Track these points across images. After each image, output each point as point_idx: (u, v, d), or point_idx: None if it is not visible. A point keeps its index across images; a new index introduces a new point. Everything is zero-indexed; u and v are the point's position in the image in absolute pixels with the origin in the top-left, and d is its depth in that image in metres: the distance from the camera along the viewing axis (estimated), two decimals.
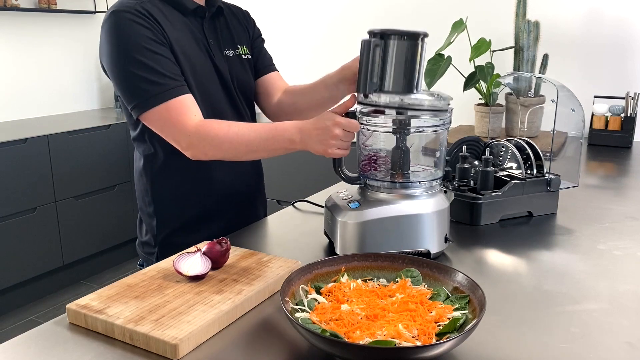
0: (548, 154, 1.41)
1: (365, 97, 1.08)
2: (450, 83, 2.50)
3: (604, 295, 0.95)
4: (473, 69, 2.28)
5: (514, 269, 1.08)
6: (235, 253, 1.07)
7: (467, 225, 1.30)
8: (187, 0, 1.25)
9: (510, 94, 2.30)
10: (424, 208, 1.06)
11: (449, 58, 2.27)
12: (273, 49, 1.59)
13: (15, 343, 0.82)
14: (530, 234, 1.25)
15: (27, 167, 2.78)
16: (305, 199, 1.51)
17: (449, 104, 1.07)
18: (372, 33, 1.06)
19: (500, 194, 1.30)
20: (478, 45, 2.30)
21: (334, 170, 1.13)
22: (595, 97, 2.42)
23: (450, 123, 1.11)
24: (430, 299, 0.84)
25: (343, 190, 1.17)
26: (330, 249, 1.15)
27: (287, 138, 1.12)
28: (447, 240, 1.10)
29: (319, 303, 0.83)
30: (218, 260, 0.99)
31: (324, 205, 1.19)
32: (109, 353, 0.78)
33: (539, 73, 2.37)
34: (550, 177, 1.34)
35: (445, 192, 1.14)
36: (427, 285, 0.88)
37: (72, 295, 3.01)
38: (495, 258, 1.13)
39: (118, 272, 3.31)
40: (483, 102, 2.41)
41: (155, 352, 0.78)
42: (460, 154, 1.37)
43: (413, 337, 0.73)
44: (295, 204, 1.50)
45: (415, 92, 1.06)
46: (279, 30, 3.40)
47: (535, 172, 1.37)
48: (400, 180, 1.10)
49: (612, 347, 0.79)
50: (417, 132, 1.09)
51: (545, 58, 2.37)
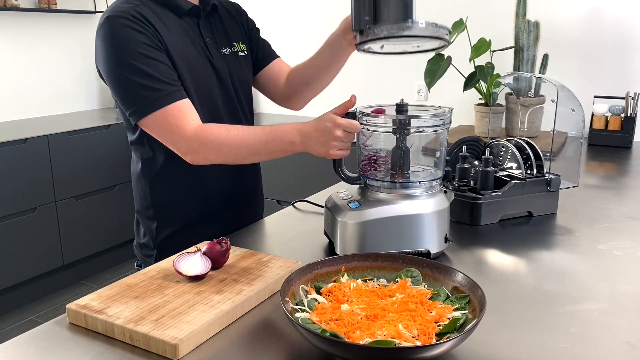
0: (548, 154, 1.41)
1: (362, 33, 1.03)
2: (450, 83, 2.50)
3: (604, 295, 0.95)
4: (473, 69, 2.28)
5: (514, 269, 1.08)
6: (235, 253, 1.07)
7: (467, 225, 1.30)
8: (182, 1, 1.24)
9: (510, 94, 2.30)
10: (424, 208, 1.06)
11: (449, 58, 2.27)
12: (276, 43, 1.58)
13: (15, 343, 0.82)
14: (530, 234, 1.25)
15: (27, 167, 2.78)
16: (305, 199, 1.51)
17: (447, 34, 1.01)
18: None
19: (500, 194, 1.30)
20: (478, 45, 2.30)
21: (334, 171, 1.13)
22: (595, 97, 2.42)
23: (450, 123, 1.11)
24: (430, 299, 0.84)
25: (343, 190, 1.17)
26: (330, 249, 1.15)
27: (287, 140, 1.12)
28: (447, 240, 1.10)
29: (319, 303, 0.83)
30: (218, 260, 0.99)
31: (324, 205, 1.19)
32: (109, 353, 0.78)
33: (539, 73, 2.37)
34: (550, 177, 1.34)
35: (445, 192, 1.14)
36: (427, 285, 0.88)
37: (72, 295, 3.01)
38: (495, 258, 1.13)
39: (118, 272, 3.31)
40: (483, 102, 2.41)
41: (155, 352, 0.78)
42: (460, 154, 1.37)
43: (413, 337, 0.73)
44: (295, 204, 1.50)
45: (411, 20, 0.99)
46: (276, 23, 3.40)
47: (535, 172, 1.37)
48: (400, 180, 1.10)
49: (612, 347, 0.79)
50: (417, 132, 1.09)
51: (545, 58, 2.37)
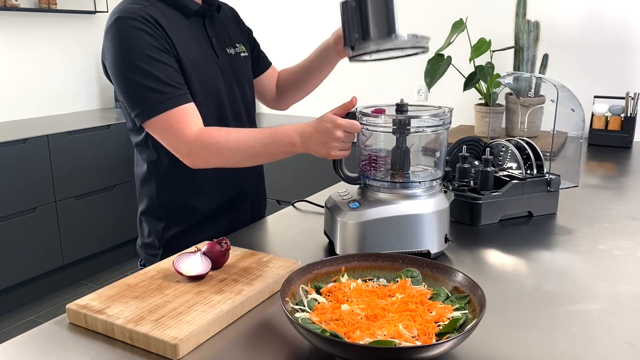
0: (548, 154, 1.41)
1: (353, 49, 1.13)
2: (450, 83, 2.50)
3: (604, 295, 0.95)
4: (473, 69, 2.28)
5: (514, 269, 1.08)
6: (235, 253, 1.07)
7: (467, 225, 1.30)
8: (189, 1, 1.24)
9: (510, 94, 2.30)
10: (424, 208, 1.06)
11: (449, 58, 2.27)
12: (268, 45, 1.59)
13: (15, 343, 0.82)
14: (530, 234, 1.25)
15: (27, 167, 2.78)
16: (305, 199, 1.51)
17: (427, 42, 1.14)
18: None
19: (500, 194, 1.30)
20: (478, 45, 2.30)
21: (334, 171, 1.13)
22: (595, 97, 2.42)
23: (450, 123, 1.11)
24: (430, 299, 0.84)
25: (343, 190, 1.17)
26: (330, 249, 1.15)
27: (287, 142, 1.12)
28: (447, 240, 1.10)
29: (319, 303, 0.83)
30: (218, 260, 0.99)
31: (324, 205, 1.19)
32: (109, 353, 0.78)
33: (539, 73, 2.37)
34: (550, 177, 1.34)
35: (445, 192, 1.14)
36: (427, 285, 0.88)
37: (72, 295, 3.01)
38: (495, 258, 1.13)
39: (118, 272, 3.31)
40: (483, 102, 2.41)
41: (155, 352, 0.78)
42: (460, 154, 1.37)
43: (413, 337, 0.73)
44: (295, 204, 1.50)
45: (395, 34, 1.11)
46: (273, 25, 3.40)
47: (535, 172, 1.37)
48: (400, 180, 1.10)
49: (612, 347, 0.79)
50: (417, 132, 1.09)
51: (545, 58, 2.37)
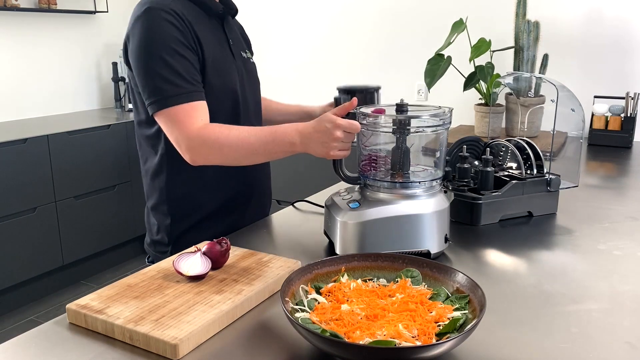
0: (548, 154, 1.41)
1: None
2: (450, 83, 2.50)
3: (604, 295, 0.95)
4: (473, 69, 2.28)
5: (514, 269, 1.08)
6: (235, 253, 1.07)
7: (467, 225, 1.30)
8: (212, 2, 1.28)
9: (510, 94, 2.30)
10: (424, 208, 1.06)
11: (449, 58, 2.27)
12: (269, 52, 1.59)
13: (15, 343, 0.82)
14: (530, 234, 1.25)
15: (27, 167, 2.78)
16: (305, 199, 1.51)
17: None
18: (340, 90, 1.38)
19: (500, 194, 1.30)
20: (478, 45, 2.30)
21: (334, 171, 1.13)
22: (595, 97, 2.42)
23: (450, 123, 1.11)
24: (430, 299, 0.84)
25: (343, 190, 1.17)
26: (330, 249, 1.15)
27: (287, 141, 1.13)
28: (447, 240, 1.10)
29: (319, 303, 0.83)
30: (218, 260, 0.99)
31: (324, 205, 1.19)
32: (109, 353, 0.78)
33: (539, 73, 2.37)
34: (550, 177, 1.34)
35: (445, 192, 1.14)
36: (427, 285, 0.88)
37: (72, 295, 3.01)
38: (495, 258, 1.13)
39: (118, 272, 3.31)
40: (483, 102, 2.41)
41: (155, 352, 0.78)
42: (460, 154, 1.37)
43: (413, 337, 0.73)
44: (295, 204, 1.50)
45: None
46: (276, 32, 3.40)
47: (535, 172, 1.37)
48: (400, 180, 1.10)
49: (612, 347, 0.79)
50: (417, 132, 1.09)
51: (545, 58, 2.37)
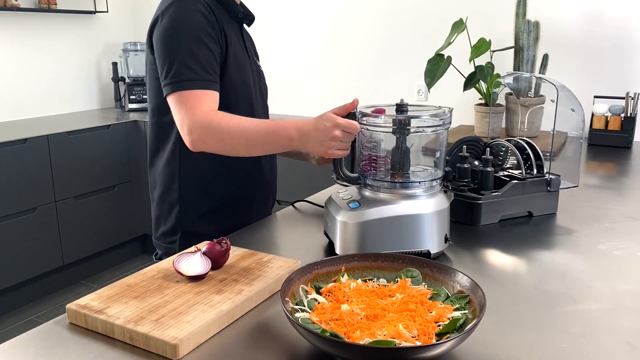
0: (548, 154, 1.41)
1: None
2: (450, 83, 2.50)
3: (604, 295, 0.95)
4: (473, 69, 2.28)
5: (514, 269, 1.08)
6: (235, 253, 1.07)
7: (467, 225, 1.30)
8: (235, 6, 1.32)
9: (510, 94, 2.30)
10: (424, 208, 1.06)
11: (449, 58, 2.27)
12: (268, 52, 1.59)
13: (15, 343, 0.82)
14: (530, 234, 1.25)
15: (27, 167, 2.78)
16: (305, 199, 1.51)
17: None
18: None
19: (500, 194, 1.30)
20: (478, 45, 2.30)
21: (334, 170, 1.13)
22: (595, 97, 2.42)
23: (450, 123, 1.11)
24: (430, 299, 0.84)
25: (343, 190, 1.17)
26: (330, 249, 1.15)
27: (285, 136, 1.13)
28: (447, 240, 1.10)
29: (319, 303, 0.83)
30: (218, 260, 0.99)
31: (324, 205, 1.19)
32: (109, 353, 0.78)
33: (539, 73, 2.37)
34: (550, 177, 1.34)
35: (445, 192, 1.14)
36: (427, 285, 0.88)
37: (72, 295, 3.01)
38: (495, 258, 1.13)
39: (118, 272, 3.31)
40: (483, 102, 2.41)
41: (155, 352, 0.78)
42: (460, 154, 1.37)
43: (413, 337, 0.73)
44: (295, 204, 1.50)
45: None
46: (275, 32, 3.40)
47: (535, 172, 1.37)
48: (400, 180, 1.10)
49: (612, 347, 0.79)
50: (417, 132, 1.09)
51: (545, 58, 2.37)
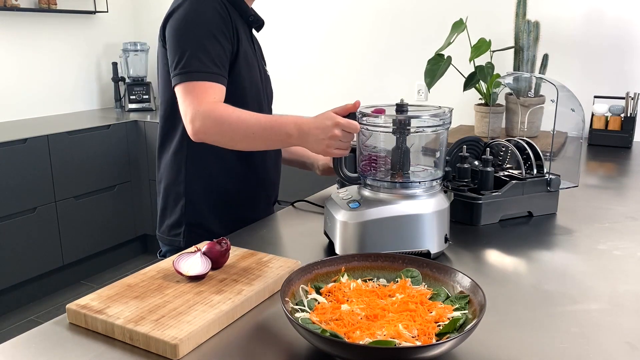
0: (548, 154, 1.41)
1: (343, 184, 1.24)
2: (450, 83, 2.50)
3: (604, 295, 0.95)
4: (473, 69, 2.28)
5: (514, 269, 1.08)
6: (235, 253, 1.07)
7: (467, 225, 1.30)
8: (248, 9, 1.33)
9: (510, 94, 2.30)
10: (424, 208, 1.06)
11: (449, 58, 2.27)
12: (267, 52, 1.60)
13: (15, 343, 0.82)
14: (530, 234, 1.25)
15: (27, 167, 2.78)
16: (305, 199, 1.51)
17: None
18: None
19: (500, 194, 1.30)
20: (478, 45, 2.30)
21: (334, 170, 1.13)
22: (595, 97, 2.42)
23: (450, 123, 1.11)
24: (430, 299, 0.84)
25: (343, 190, 1.17)
26: (330, 249, 1.15)
27: (284, 131, 1.14)
28: (447, 240, 1.10)
29: (319, 303, 0.83)
30: (218, 260, 0.99)
31: (324, 205, 1.19)
32: (109, 353, 0.78)
33: (539, 73, 2.37)
34: (550, 177, 1.34)
35: (445, 192, 1.14)
36: (427, 286, 0.88)
37: (72, 295, 3.01)
38: (495, 258, 1.13)
39: (118, 272, 3.31)
40: (483, 102, 2.41)
41: (155, 352, 0.78)
42: (460, 154, 1.37)
43: (413, 337, 0.73)
44: (295, 204, 1.50)
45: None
46: (274, 33, 3.40)
47: (535, 172, 1.37)
48: (400, 180, 1.10)
49: (612, 347, 0.79)
50: (417, 132, 1.09)
51: (545, 58, 2.37)
